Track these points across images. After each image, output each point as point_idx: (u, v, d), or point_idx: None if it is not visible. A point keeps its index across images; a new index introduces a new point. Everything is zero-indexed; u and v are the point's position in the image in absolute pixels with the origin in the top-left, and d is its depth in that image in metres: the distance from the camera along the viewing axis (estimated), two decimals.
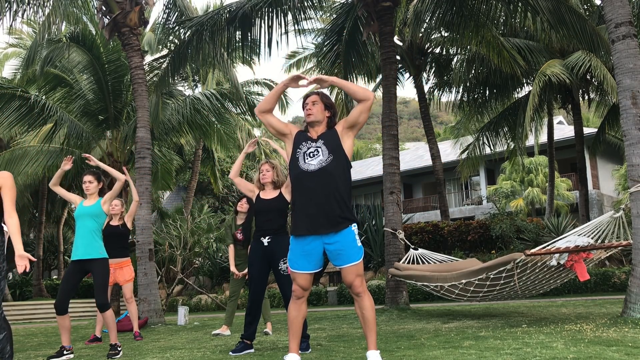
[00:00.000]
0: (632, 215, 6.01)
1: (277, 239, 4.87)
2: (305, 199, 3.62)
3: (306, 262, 3.65)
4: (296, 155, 3.71)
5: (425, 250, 8.93)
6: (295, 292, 3.68)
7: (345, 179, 3.65)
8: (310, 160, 3.64)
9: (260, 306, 5.13)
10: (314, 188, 3.58)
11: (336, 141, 3.69)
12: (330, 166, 3.60)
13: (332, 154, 3.64)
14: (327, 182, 3.57)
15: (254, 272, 5.00)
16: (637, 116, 6.04)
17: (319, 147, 3.67)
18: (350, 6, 11.36)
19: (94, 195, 5.45)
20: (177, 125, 15.66)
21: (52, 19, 10.46)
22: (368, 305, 3.60)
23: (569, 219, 15.05)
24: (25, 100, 13.09)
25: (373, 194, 33.19)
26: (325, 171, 3.59)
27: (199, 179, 27.64)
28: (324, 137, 3.71)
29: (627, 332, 4.67)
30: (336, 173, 3.60)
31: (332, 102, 3.85)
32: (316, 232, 3.59)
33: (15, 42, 23.11)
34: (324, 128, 3.78)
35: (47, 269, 28.40)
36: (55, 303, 5.19)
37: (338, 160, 3.63)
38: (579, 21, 9.79)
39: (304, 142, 3.73)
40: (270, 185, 4.99)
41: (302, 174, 3.64)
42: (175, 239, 17.05)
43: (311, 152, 3.66)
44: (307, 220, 3.59)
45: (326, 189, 3.57)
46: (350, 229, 3.62)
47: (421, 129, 37.38)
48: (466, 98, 17.29)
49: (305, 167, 3.64)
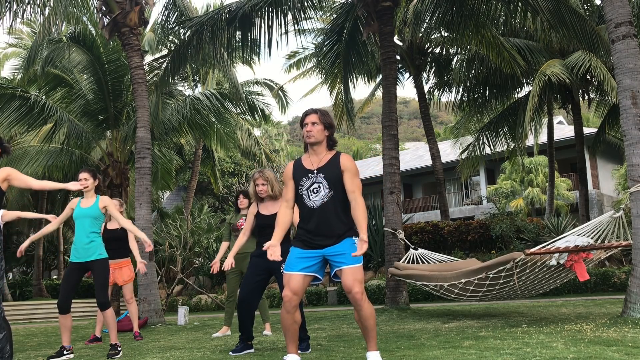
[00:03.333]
0: (632, 215, 6.01)
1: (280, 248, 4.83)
2: (309, 230, 3.72)
3: (301, 264, 3.66)
4: (300, 193, 3.76)
5: (425, 250, 8.93)
6: (285, 297, 3.63)
7: (344, 206, 3.71)
8: (314, 197, 3.71)
9: (252, 308, 4.98)
10: (319, 222, 3.69)
11: (337, 176, 3.70)
12: (331, 202, 3.68)
13: (332, 189, 3.69)
14: (328, 217, 3.68)
15: (250, 276, 4.90)
16: (637, 116, 6.04)
17: (320, 182, 3.71)
18: (350, 6, 11.35)
19: (90, 193, 5.37)
20: (177, 125, 15.65)
21: (52, 19, 10.46)
22: (368, 314, 3.61)
23: (569, 219, 15.04)
24: (25, 100, 13.08)
25: (373, 194, 33.18)
26: (326, 207, 3.68)
27: (199, 179, 27.65)
28: (325, 171, 3.71)
29: (627, 332, 4.67)
30: (337, 205, 3.69)
31: (331, 121, 3.82)
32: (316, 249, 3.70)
33: (15, 42, 23.12)
34: (324, 149, 3.79)
35: (47, 269, 28.39)
36: (58, 302, 5.19)
37: (337, 193, 3.69)
38: (579, 21, 9.79)
39: (304, 177, 3.75)
40: (269, 199, 4.97)
41: (309, 212, 3.72)
42: (175, 239, 17.05)
43: (314, 189, 3.72)
44: (310, 242, 3.71)
45: (328, 218, 3.68)
46: (351, 238, 3.69)
47: (421, 129, 37.38)
48: (466, 98, 17.29)
49: (311, 205, 3.71)
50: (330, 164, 3.72)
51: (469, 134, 19.84)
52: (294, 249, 3.74)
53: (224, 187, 29.84)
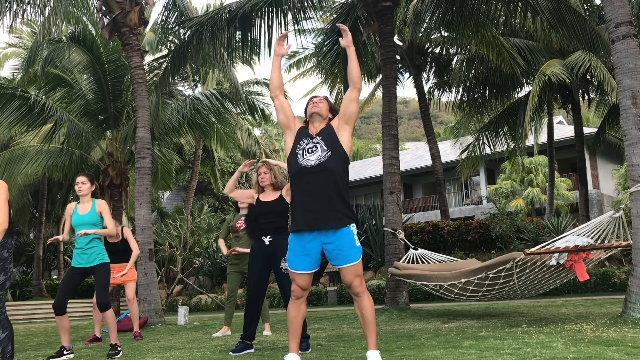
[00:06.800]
0: (632, 215, 6.01)
1: (278, 239, 4.87)
2: (304, 195, 3.63)
3: (305, 262, 3.65)
4: (295, 151, 3.73)
5: (425, 250, 8.92)
6: (295, 292, 3.69)
7: (344, 175, 3.68)
8: (308, 156, 3.66)
9: (259, 307, 5.07)
10: (313, 184, 3.61)
11: (333, 136, 3.73)
12: (329, 162, 3.62)
13: (330, 149, 3.66)
14: (326, 178, 3.60)
15: (253, 271, 4.99)
16: (637, 116, 6.04)
17: (317, 143, 3.70)
18: (350, 6, 11.35)
19: (87, 197, 5.33)
20: (177, 125, 15.66)
21: (52, 19, 10.46)
22: (368, 305, 3.60)
23: (569, 219, 15.03)
24: (25, 100, 13.09)
25: (373, 194, 33.19)
26: (324, 167, 3.61)
27: (199, 179, 27.66)
28: (322, 134, 3.75)
29: (627, 332, 4.67)
30: (335, 169, 3.63)
31: (336, 107, 3.94)
32: (315, 228, 3.59)
33: (15, 42, 23.13)
34: (324, 126, 3.82)
35: (47, 269, 28.40)
36: (54, 304, 5.18)
37: (336, 155, 3.66)
38: (579, 21, 9.79)
39: (304, 138, 3.76)
40: (270, 187, 4.99)
41: (301, 170, 3.65)
42: (175, 239, 17.05)
43: (310, 148, 3.69)
44: (307, 215, 3.60)
45: (325, 184, 3.59)
46: (349, 228, 3.63)
47: (421, 129, 37.37)
48: (466, 98, 17.29)
49: (303, 163, 3.65)
50: (327, 128, 3.79)
51: (469, 134, 19.85)
52: (294, 239, 3.68)
53: (224, 187, 29.85)
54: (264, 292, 5.09)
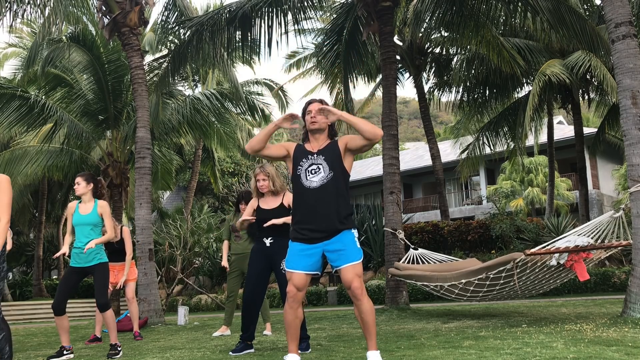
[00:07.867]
0: (632, 215, 6.01)
1: (279, 241, 4.86)
2: (306, 214, 3.67)
3: (303, 262, 3.65)
4: (297, 172, 3.74)
5: (425, 250, 8.92)
6: (290, 292, 3.66)
7: (345, 193, 3.70)
8: (312, 177, 3.68)
9: (257, 308, 5.05)
10: (316, 204, 3.64)
11: (337, 157, 3.71)
12: (332, 182, 3.66)
13: (332, 170, 3.68)
14: (328, 199, 3.64)
15: (252, 271, 4.97)
16: (637, 116, 6.04)
17: (320, 164, 3.70)
18: (350, 6, 11.36)
19: (87, 197, 5.33)
20: (177, 125, 15.66)
21: (52, 19, 10.46)
22: (368, 308, 3.59)
23: (569, 219, 15.04)
24: (25, 100, 13.08)
25: (373, 194, 33.18)
26: (326, 188, 3.64)
27: (199, 179, 27.64)
28: (325, 153, 3.73)
29: (627, 332, 4.67)
30: (337, 190, 3.66)
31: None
32: (315, 243, 3.64)
33: (15, 41, 23.12)
34: (325, 137, 3.81)
35: (47, 269, 28.40)
36: (53, 304, 5.17)
37: (338, 176, 3.68)
38: (579, 21, 9.79)
39: (304, 158, 3.75)
40: (270, 194, 4.98)
41: (305, 192, 3.68)
42: (175, 239, 17.05)
43: (313, 169, 3.70)
44: (307, 233, 3.65)
45: (327, 205, 3.63)
46: (350, 230, 3.66)
47: (421, 129, 37.37)
48: (466, 98, 17.29)
49: (307, 185, 3.68)
50: (330, 146, 3.75)
51: (469, 134, 19.85)
52: (294, 243, 3.71)
53: (224, 187, 29.85)
54: (262, 294, 5.07)
